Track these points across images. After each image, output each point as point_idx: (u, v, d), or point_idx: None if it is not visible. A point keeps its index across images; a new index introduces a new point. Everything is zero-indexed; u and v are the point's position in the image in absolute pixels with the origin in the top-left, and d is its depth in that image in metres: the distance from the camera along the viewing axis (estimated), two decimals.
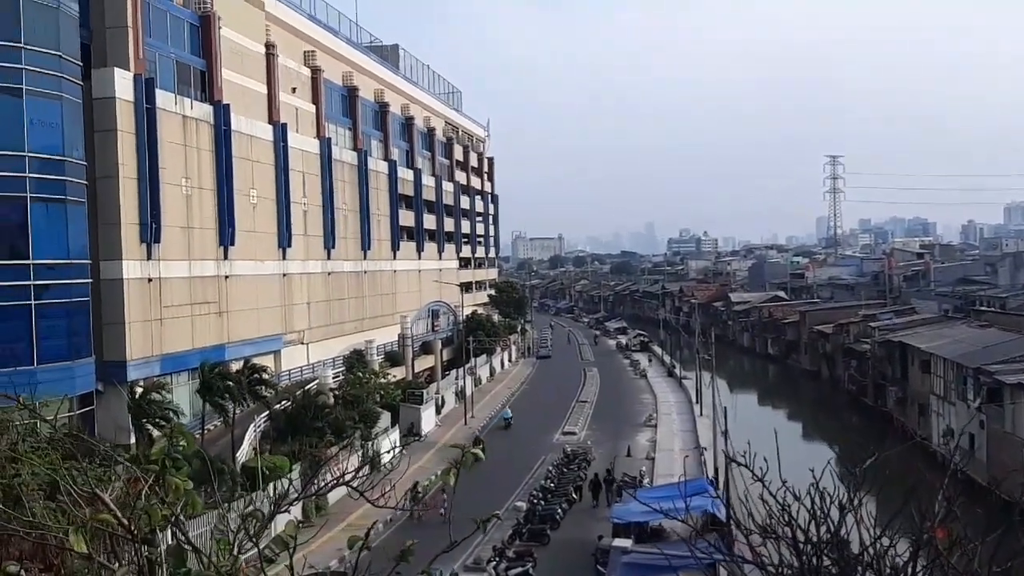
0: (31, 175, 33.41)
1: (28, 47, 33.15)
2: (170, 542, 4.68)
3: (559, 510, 37.69)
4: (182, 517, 4.78)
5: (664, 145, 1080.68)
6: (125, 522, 4.30)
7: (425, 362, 71.66)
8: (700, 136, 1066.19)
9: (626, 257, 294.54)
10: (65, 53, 34.78)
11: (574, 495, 40.55)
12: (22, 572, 4.84)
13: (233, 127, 46.47)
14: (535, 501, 38.33)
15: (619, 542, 31.25)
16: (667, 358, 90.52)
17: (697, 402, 63.28)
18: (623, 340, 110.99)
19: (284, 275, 52.98)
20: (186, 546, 4.57)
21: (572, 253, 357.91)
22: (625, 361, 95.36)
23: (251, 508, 5.03)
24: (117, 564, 4.50)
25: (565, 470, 44.49)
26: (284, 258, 52.89)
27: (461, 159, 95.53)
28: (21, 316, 33.19)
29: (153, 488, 4.72)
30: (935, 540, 4.63)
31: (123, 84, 38.42)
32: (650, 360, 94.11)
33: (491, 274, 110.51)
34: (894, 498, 5.68)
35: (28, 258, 33.46)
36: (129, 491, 5.29)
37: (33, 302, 33.40)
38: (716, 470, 41.31)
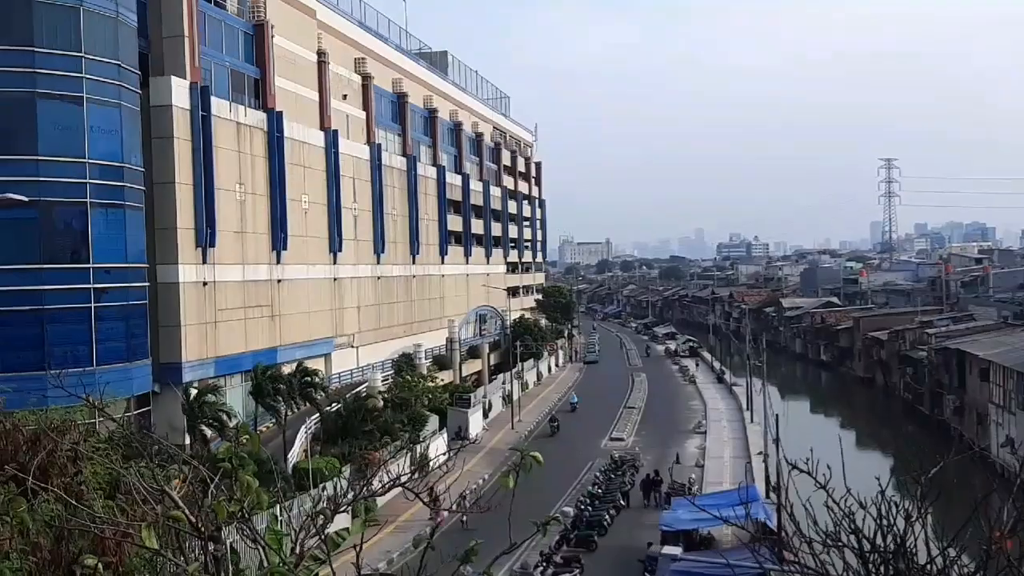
0: (91, 181, 34.32)
1: (88, 57, 34.09)
2: (235, 538, 4.75)
3: (607, 516, 37.45)
4: (248, 514, 4.84)
5: (714, 149, 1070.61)
6: (193, 519, 4.37)
7: (472, 366, 71.88)
8: (751, 139, 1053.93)
9: (675, 262, 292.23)
10: (124, 62, 35.68)
11: (622, 501, 40.30)
12: (99, 566, 4.96)
13: (286, 134, 47.20)
14: (582, 507, 38.14)
15: (668, 549, 30.94)
16: (716, 364, 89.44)
17: (747, 409, 62.38)
18: (672, 345, 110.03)
19: (335, 279, 53.61)
20: (253, 544, 4.63)
21: (619, 258, 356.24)
22: (674, 367, 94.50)
23: (319, 507, 5.08)
24: (184, 559, 4.58)
25: (613, 476, 44.20)
26: (335, 262, 53.52)
27: (509, 164, 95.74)
28: (81, 319, 34.09)
29: (219, 485, 4.80)
30: (1005, 551, 4.48)
31: (180, 92, 39.27)
32: (697, 364, 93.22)
33: (538, 278, 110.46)
34: (955, 509, 5.52)
35: (88, 262, 34.36)
36: (194, 489, 5.38)
37: (93, 305, 34.28)
38: (767, 478, 40.71)
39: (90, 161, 34.26)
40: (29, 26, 32.96)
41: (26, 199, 11.15)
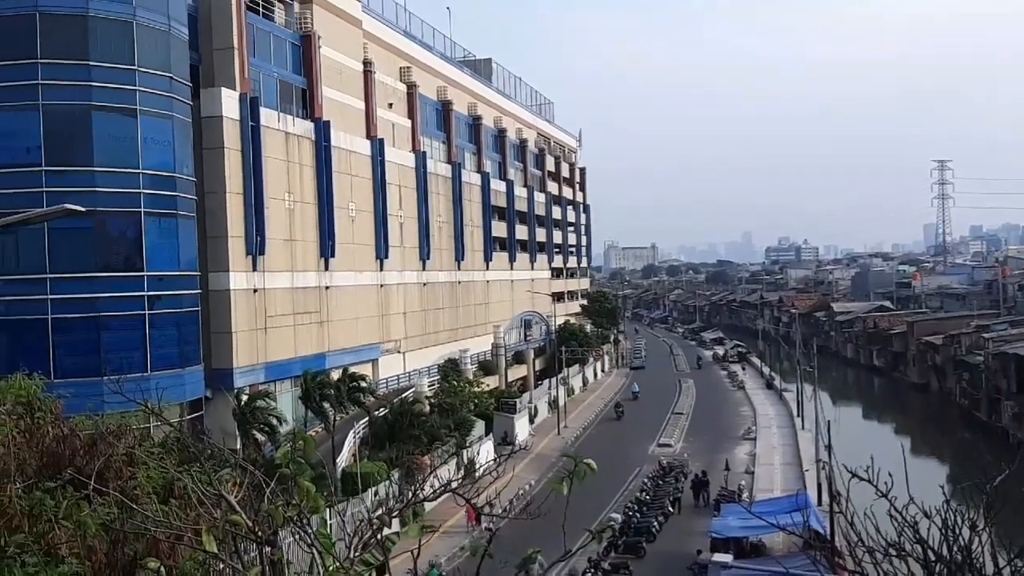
0: (145, 191, 35.07)
1: (142, 69, 34.88)
2: (287, 541, 4.78)
3: (655, 523, 37.13)
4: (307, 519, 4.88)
5: (763, 152, 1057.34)
6: (250, 523, 4.40)
7: (518, 372, 71.85)
8: (801, 142, 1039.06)
9: (722, 266, 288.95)
10: (176, 74, 36.44)
11: (670, 508, 39.92)
12: (161, 569, 5.02)
13: (333, 143, 47.75)
14: (630, 513, 37.85)
15: (719, 557, 30.54)
16: (766, 369, 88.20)
17: (798, 415, 61.36)
18: (720, 351, 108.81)
19: (381, 286, 54.04)
20: (307, 547, 4.66)
21: (666, 262, 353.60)
22: (722, 372, 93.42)
23: (377, 512, 5.10)
24: (240, 564, 4.62)
25: (661, 482, 43.82)
26: (381, 269, 53.95)
27: (553, 170, 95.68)
28: (136, 326, 34.82)
29: (275, 490, 4.84)
30: None
31: (230, 103, 39.97)
32: (744, 368, 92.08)
33: (583, 284, 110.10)
34: (1020, 518, 5.33)
35: (142, 270, 35.09)
36: (249, 494, 5.43)
37: (147, 312, 35.00)
38: (819, 485, 39.98)
39: (143, 172, 35.02)
40: (84, 41, 33.83)
41: (83, 209, 11.41)
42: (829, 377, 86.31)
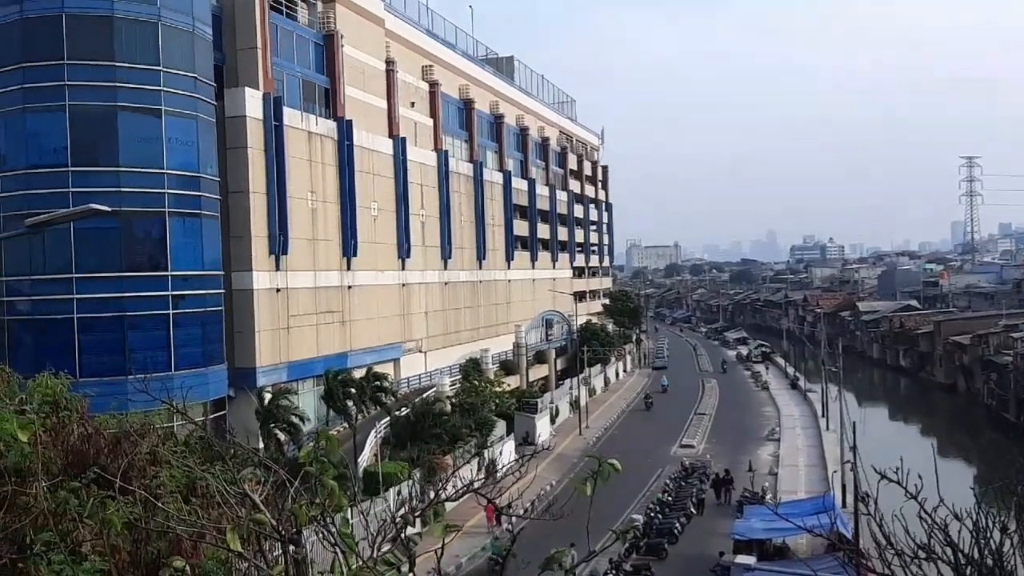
0: (169, 191, 35.37)
1: (166, 70, 35.18)
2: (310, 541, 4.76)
3: (677, 524, 36.94)
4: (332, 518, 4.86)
5: (787, 149, 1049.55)
6: (274, 522, 4.39)
7: (539, 371, 71.77)
8: (826, 140, 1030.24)
9: (746, 265, 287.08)
10: (200, 75, 36.72)
11: (693, 509, 39.70)
12: (187, 568, 5.04)
13: (355, 142, 47.92)
14: (652, 514, 37.68)
15: (742, 559, 30.32)
16: (790, 370, 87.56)
17: (823, 416, 60.85)
18: (743, 350, 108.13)
19: (403, 285, 54.17)
20: (330, 546, 4.64)
21: (689, 261, 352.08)
22: (746, 372, 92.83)
23: (400, 511, 5.08)
24: (264, 562, 4.61)
25: (683, 483, 43.60)
26: (403, 268, 54.09)
27: (575, 168, 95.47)
28: (160, 325, 35.13)
29: (298, 489, 4.82)
30: None
31: (253, 103, 40.22)
32: (767, 368, 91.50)
33: (605, 283, 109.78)
34: None
35: (167, 270, 35.40)
36: (273, 492, 5.42)
37: (171, 312, 35.30)
38: (844, 486, 39.60)
39: (168, 172, 35.32)
40: (110, 42, 34.17)
41: (108, 209, 11.54)
42: (854, 377, 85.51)
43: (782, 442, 55.53)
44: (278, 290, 41.63)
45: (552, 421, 59.37)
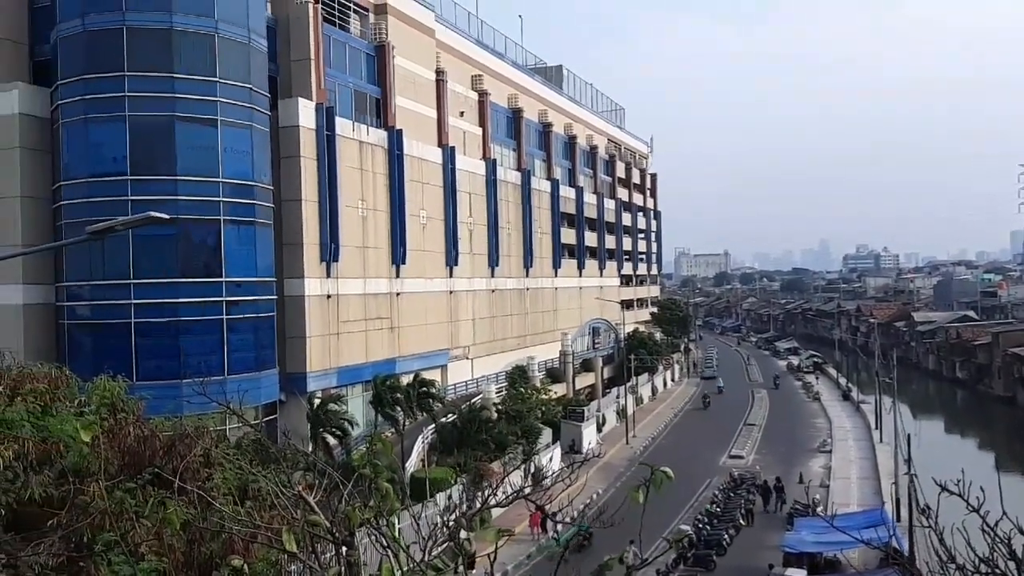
0: (224, 199, 36.13)
1: (223, 81, 35.99)
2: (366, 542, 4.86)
3: (726, 536, 36.48)
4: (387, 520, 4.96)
5: (840, 157, 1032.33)
6: (327, 524, 4.50)
7: (586, 379, 71.51)
8: (880, 147, 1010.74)
9: (798, 274, 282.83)
10: (255, 86, 37.48)
11: (742, 520, 39.18)
12: (245, 567, 5.18)
13: (405, 151, 48.42)
14: (700, 525, 37.28)
15: (792, 572, 29.85)
16: (843, 381, 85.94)
17: (876, 428, 59.60)
18: (794, 361, 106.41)
19: (451, 292, 54.52)
20: (383, 549, 4.73)
21: (739, 270, 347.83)
22: (797, 383, 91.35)
23: (452, 515, 5.16)
24: (317, 563, 4.71)
25: (732, 495, 43.06)
26: (451, 276, 54.43)
27: (623, 176, 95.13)
28: (214, 330, 35.85)
29: (351, 492, 4.93)
30: None
31: (306, 113, 40.91)
32: (817, 378, 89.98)
33: (653, 291, 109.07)
34: None
35: (221, 276, 36.13)
36: (326, 495, 5.54)
37: (225, 317, 36.01)
38: (897, 500, 38.74)
39: (223, 180, 36.07)
40: (169, 54, 35.07)
41: (166, 217, 11.82)
42: (909, 389, 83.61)
43: (834, 454, 54.52)
44: (329, 296, 42.20)
45: (599, 430, 59.10)
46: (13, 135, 36.46)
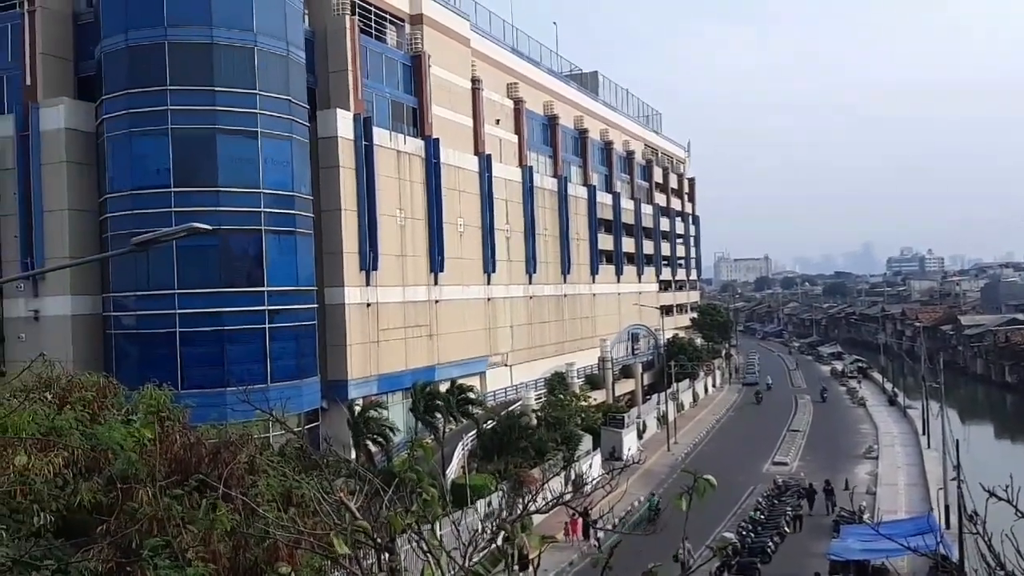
0: (265, 210, 36.61)
1: (262, 93, 36.51)
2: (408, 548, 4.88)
3: (770, 543, 36.00)
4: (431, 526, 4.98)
5: (882, 158, 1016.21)
6: (370, 529, 4.53)
7: (625, 386, 71.12)
8: (923, 148, 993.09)
9: (840, 278, 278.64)
10: (294, 97, 37.97)
11: (786, 528, 38.64)
12: (292, 573, 5.25)
13: (442, 160, 48.68)
14: (744, 533, 36.83)
15: None
16: (888, 385, 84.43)
17: (923, 434, 58.44)
18: (838, 366, 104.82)
19: (488, 299, 54.60)
20: (425, 554, 4.75)
21: (780, 274, 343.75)
22: (841, 388, 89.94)
23: (497, 521, 5.16)
24: (360, 569, 4.74)
25: (776, 502, 42.50)
26: (489, 283, 54.53)
27: (660, 181, 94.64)
28: (257, 339, 36.31)
29: (392, 498, 4.95)
30: None
31: (344, 124, 41.33)
32: (859, 383, 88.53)
33: (692, 297, 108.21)
34: None
35: (263, 285, 36.60)
36: (368, 501, 5.58)
37: (267, 326, 36.45)
38: (946, 507, 37.91)
39: (264, 191, 36.56)
40: (209, 68, 35.67)
41: (209, 228, 12.01)
42: (956, 394, 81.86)
43: (880, 460, 53.58)
44: (368, 305, 42.52)
45: (639, 436, 58.72)
46: (60, 150, 37.34)
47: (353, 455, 36.74)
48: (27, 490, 9.48)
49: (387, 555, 4.69)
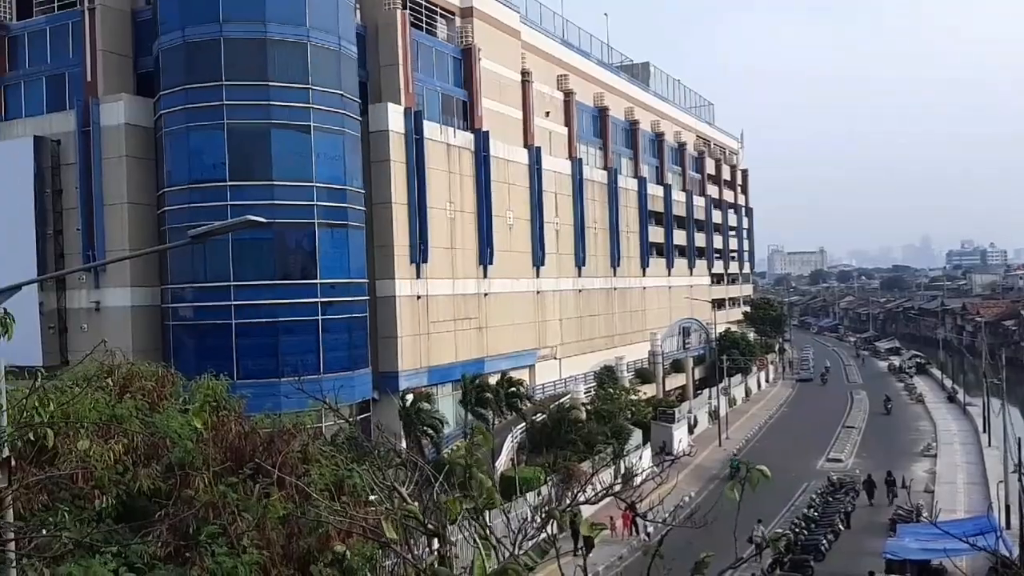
0: (318, 204, 37.07)
1: (315, 88, 36.93)
2: (464, 535, 4.90)
3: (824, 541, 35.43)
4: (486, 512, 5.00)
5: (942, 149, 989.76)
6: (419, 513, 4.56)
7: (676, 380, 70.54)
8: (987, 139, 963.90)
9: (898, 271, 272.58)
10: (346, 91, 38.33)
11: (841, 526, 37.98)
12: (347, 552, 5.34)
13: (492, 153, 48.73)
14: (797, 530, 36.28)
15: None
16: (947, 382, 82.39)
17: (984, 431, 56.89)
18: (896, 361, 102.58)
19: (538, 292, 54.58)
20: (483, 540, 4.77)
21: (835, 268, 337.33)
22: (898, 384, 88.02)
23: (549, 508, 5.18)
24: (411, 555, 4.78)
25: (830, 499, 41.80)
26: (538, 276, 54.50)
27: (713, 172, 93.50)
28: (310, 330, 36.84)
29: (443, 485, 4.98)
30: None
31: (395, 117, 41.61)
32: (912, 376, 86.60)
33: (745, 290, 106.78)
34: None
35: (316, 278, 37.11)
36: (418, 489, 5.64)
37: (320, 318, 36.96)
38: (1007, 507, 36.89)
39: (317, 185, 37.03)
40: (264, 63, 36.21)
41: (264, 221, 12.25)
42: (1019, 391, 79.44)
43: (939, 458, 52.33)
44: (419, 297, 42.83)
45: (690, 431, 58.21)
46: (120, 144, 38.29)
47: (404, 445, 37.07)
48: (89, 476, 9.76)
49: (437, 541, 4.72)
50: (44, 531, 8.00)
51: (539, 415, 44.45)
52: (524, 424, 43.58)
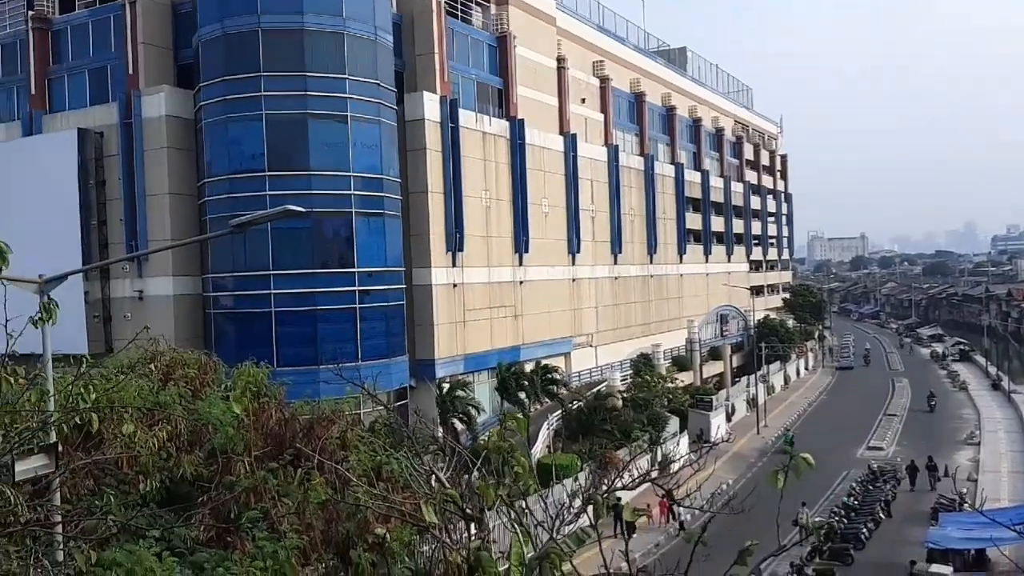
0: (355, 193, 37.33)
1: (351, 78, 37.13)
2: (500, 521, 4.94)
3: (864, 529, 35.08)
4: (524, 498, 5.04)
5: (988, 131, 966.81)
6: (458, 498, 4.61)
7: (713, 368, 70.06)
8: None
9: (941, 257, 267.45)
10: (382, 81, 38.49)
11: (881, 514, 37.56)
12: (387, 535, 5.42)
13: (527, 140, 48.64)
14: (837, 518, 35.96)
15: (937, 568, 28.40)
16: (992, 369, 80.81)
17: None
18: (938, 348, 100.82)
19: (573, 280, 54.47)
20: (515, 526, 4.81)
21: (876, 253, 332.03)
22: (941, 372, 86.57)
23: (587, 494, 5.20)
24: (449, 539, 4.84)
25: (871, 488, 41.35)
26: (573, 263, 54.37)
27: (751, 158, 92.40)
28: (348, 318, 37.19)
29: (481, 471, 5.04)
30: None
31: (431, 106, 41.70)
32: (950, 363, 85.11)
33: (784, 277, 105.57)
34: None
35: (353, 267, 37.42)
36: (455, 474, 5.70)
37: (357, 306, 37.29)
38: None
39: (354, 174, 37.28)
40: (301, 53, 36.48)
41: (303, 210, 12.38)
42: None
43: (983, 446, 51.44)
44: (455, 285, 42.99)
45: (728, 419, 57.84)
46: (161, 136, 38.88)
47: (440, 432, 37.29)
48: (134, 461, 9.99)
49: (477, 526, 4.77)
50: (91, 515, 8.21)
51: (575, 402, 44.45)
52: (560, 411, 43.61)
